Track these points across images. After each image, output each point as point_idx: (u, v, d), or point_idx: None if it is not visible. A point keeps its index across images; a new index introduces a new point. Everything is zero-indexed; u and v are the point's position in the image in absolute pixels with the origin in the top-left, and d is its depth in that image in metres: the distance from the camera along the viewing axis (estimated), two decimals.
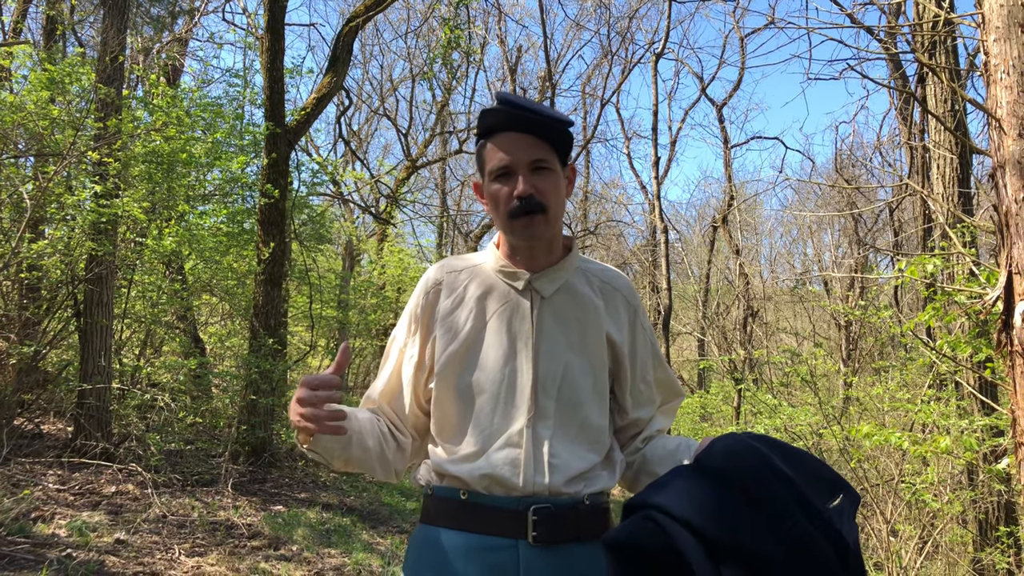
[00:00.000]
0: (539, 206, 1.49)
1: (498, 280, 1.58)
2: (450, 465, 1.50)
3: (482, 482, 1.46)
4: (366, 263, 16.75)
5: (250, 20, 12.81)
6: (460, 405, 1.52)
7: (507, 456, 1.46)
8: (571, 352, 1.53)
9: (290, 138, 8.54)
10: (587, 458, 1.51)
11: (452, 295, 1.58)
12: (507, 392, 1.50)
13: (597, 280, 1.62)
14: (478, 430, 1.49)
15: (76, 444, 6.34)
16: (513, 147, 1.49)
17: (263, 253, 7.98)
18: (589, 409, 1.53)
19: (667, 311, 14.38)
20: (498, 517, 1.44)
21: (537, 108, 1.50)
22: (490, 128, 1.53)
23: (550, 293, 1.56)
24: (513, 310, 1.55)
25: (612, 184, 25.51)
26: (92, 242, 6.39)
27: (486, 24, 17.87)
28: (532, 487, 1.44)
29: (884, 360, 10.58)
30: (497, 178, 1.51)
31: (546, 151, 1.51)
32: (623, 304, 1.62)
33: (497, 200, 1.52)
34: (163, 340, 9.05)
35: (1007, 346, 2.68)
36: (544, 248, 1.56)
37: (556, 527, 1.44)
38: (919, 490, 4.65)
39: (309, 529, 5.80)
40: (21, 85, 7.73)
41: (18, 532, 4.52)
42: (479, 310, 1.56)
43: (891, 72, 9.37)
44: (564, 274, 1.58)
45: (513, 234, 1.53)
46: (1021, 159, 2.64)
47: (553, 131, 1.51)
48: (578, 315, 1.56)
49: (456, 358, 1.53)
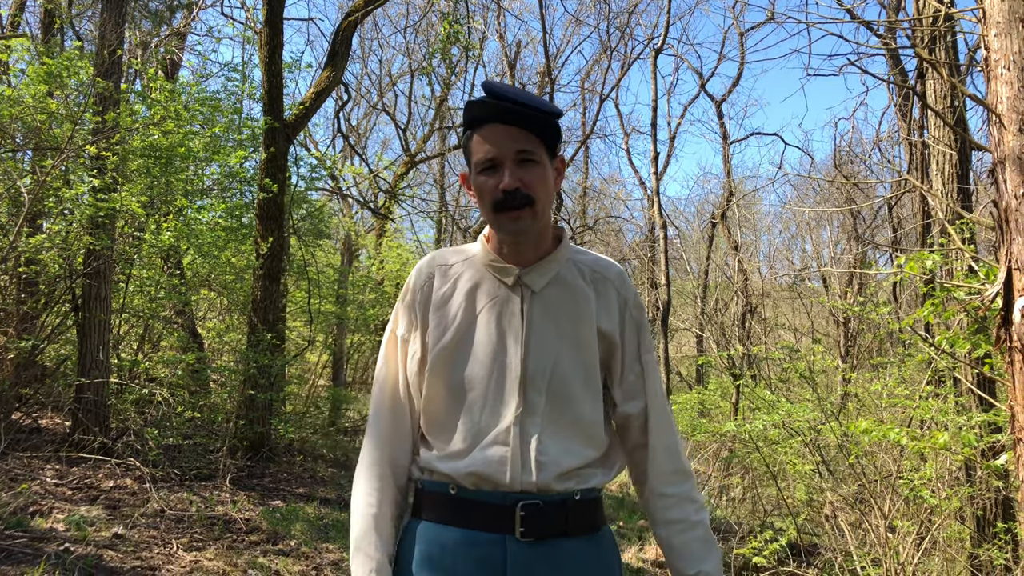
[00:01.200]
0: (526, 199, 1.46)
1: (488, 274, 1.55)
2: (438, 462, 1.49)
3: (470, 479, 1.45)
4: (365, 258, 16.74)
5: (248, 14, 12.77)
6: (449, 401, 1.51)
7: (495, 454, 1.45)
8: (562, 346, 1.51)
9: (288, 133, 8.52)
10: (581, 454, 1.49)
11: (443, 288, 1.56)
12: (496, 388, 1.48)
13: (589, 271, 1.59)
14: (466, 427, 1.48)
15: (74, 438, 6.34)
16: (499, 139, 1.47)
17: (261, 248, 7.97)
18: (581, 404, 1.51)
19: (666, 307, 14.39)
20: (486, 512, 1.44)
21: (524, 98, 1.47)
22: (476, 119, 1.50)
23: (540, 287, 1.53)
24: (503, 305, 1.52)
25: (611, 180, 25.57)
26: (90, 236, 6.38)
27: (485, 19, 17.84)
28: (520, 484, 1.44)
29: (883, 356, 10.59)
30: (483, 170, 1.49)
31: (533, 142, 1.48)
32: (614, 294, 1.58)
33: (483, 193, 1.49)
34: (161, 335, 9.04)
35: (1006, 342, 2.68)
36: (532, 241, 1.53)
37: (544, 522, 1.44)
38: (917, 486, 4.65)
39: (307, 524, 5.80)
40: (19, 79, 7.70)
41: (16, 526, 4.52)
42: (469, 304, 1.53)
43: (891, 68, 9.37)
44: (555, 266, 1.55)
45: (499, 227, 1.51)
46: (1021, 155, 2.64)
47: (540, 122, 1.48)
48: (569, 308, 1.53)
49: (445, 353, 1.51)
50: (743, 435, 6.90)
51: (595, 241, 21.75)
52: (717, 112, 18.52)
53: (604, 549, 1.52)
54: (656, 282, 18.16)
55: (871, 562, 4.73)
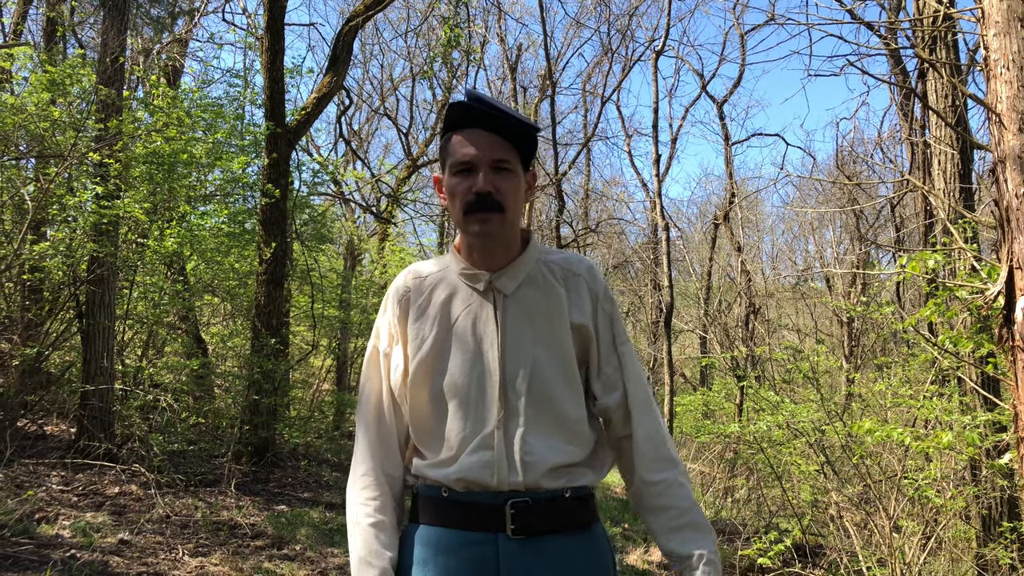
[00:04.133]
0: (496, 205, 1.49)
1: (460, 283, 1.58)
2: (428, 470, 1.52)
3: (459, 484, 1.49)
4: (367, 262, 16.74)
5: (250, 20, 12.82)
6: (433, 411, 1.54)
7: (480, 459, 1.47)
8: (539, 347, 1.53)
9: (290, 138, 8.54)
10: (566, 450, 1.51)
11: (419, 300, 1.58)
12: (477, 395, 1.51)
13: (559, 268, 1.61)
14: (452, 435, 1.51)
15: (79, 445, 6.36)
16: (478, 143, 1.50)
17: (264, 253, 7.98)
18: (563, 402, 1.53)
19: (669, 309, 14.36)
20: (478, 512, 1.47)
21: (505, 109, 1.51)
22: (457, 122, 1.53)
23: (512, 290, 1.55)
24: (476, 312, 1.55)
25: (613, 182, 25.51)
26: (94, 243, 6.40)
27: (486, 23, 17.87)
28: (508, 485, 1.46)
29: (886, 356, 10.58)
30: (458, 172, 1.51)
31: (510, 152, 1.51)
32: (585, 289, 1.60)
33: (455, 194, 1.52)
34: (165, 341, 9.06)
35: (1008, 341, 2.68)
36: (502, 246, 1.56)
37: (534, 519, 1.46)
38: (922, 486, 4.64)
39: (312, 528, 5.81)
40: (22, 87, 7.74)
41: (22, 533, 4.53)
42: (444, 315, 1.56)
43: (892, 68, 9.37)
44: (524, 268, 1.57)
45: (467, 230, 1.53)
46: (1021, 154, 2.64)
47: (519, 134, 1.51)
48: (543, 308, 1.55)
49: (426, 364, 1.53)
50: (747, 436, 6.89)
51: (597, 243, 21.71)
52: (718, 113, 18.49)
53: (597, 546, 1.54)
54: (659, 284, 18.14)
55: (877, 562, 4.72)
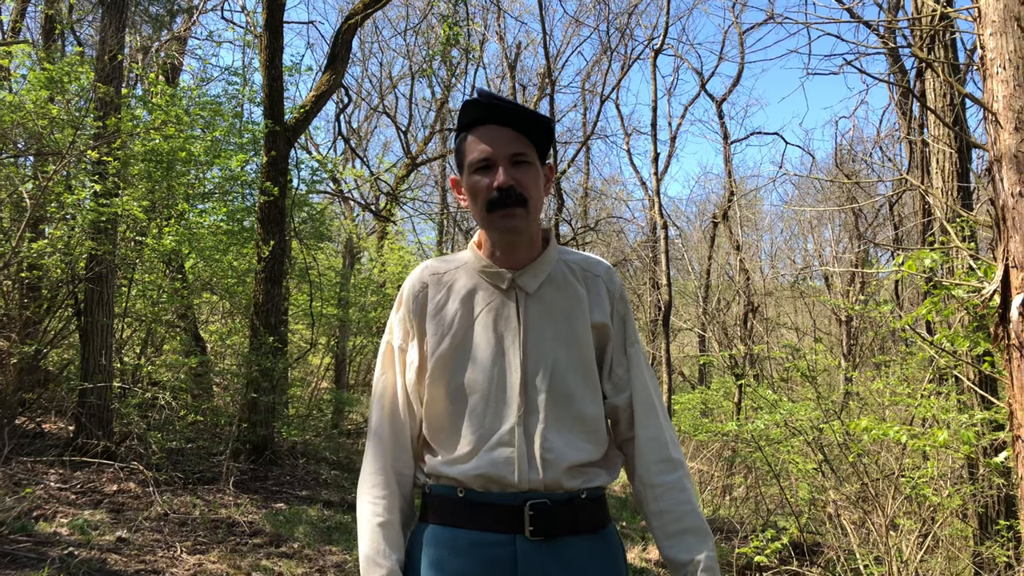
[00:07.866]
0: (520, 198, 1.49)
1: (482, 280, 1.58)
2: (444, 467, 1.51)
3: (478, 481, 1.47)
4: (366, 261, 16.74)
5: (249, 18, 12.81)
6: (452, 406, 1.53)
7: (500, 455, 1.47)
8: (559, 346, 1.54)
9: (289, 136, 8.54)
10: (584, 449, 1.51)
11: (438, 296, 1.58)
12: (497, 391, 1.50)
13: (579, 269, 1.62)
14: (471, 431, 1.50)
15: (77, 443, 6.36)
16: (494, 140, 1.50)
17: (263, 251, 7.98)
18: (582, 401, 1.53)
19: (667, 307, 14.37)
20: (495, 513, 1.46)
21: (518, 104, 1.52)
22: (471, 121, 1.53)
23: (534, 288, 1.56)
24: (499, 309, 1.55)
25: (612, 180, 25.51)
26: (92, 241, 6.40)
27: (485, 21, 17.86)
28: (528, 483, 1.45)
29: (884, 355, 10.59)
30: (477, 170, 1.51)
31: (527, 146, 1.52)
32: (604, 289, 1.62)
33: (476, 192, 1.52)
34: (164, 339, 9.06)
35: (1004, 340, 2.68)
36: (525, 243, 1.56)
37: (553, 521, 1.45)
38: (919, 484, 4.65)
39: (310, 526, 5.81)
40: (20, 84, 7.74)
41: (20, 531, 4.54)
42: (465, 310, 1.56)
43: (890, 67, 9.37)
44: (546, 267, 1.58)
45: (491, 227, 1.53)
46: (1017, 153, 2.64)
47: (534, 127, 1.52)
48: (564, 307, 1.56)
49: (444, 360, 1.53)
50: (745, 435, 6.89)
51: (596, 242, 21.71)
52: (717, 112, 18.50)
53: (611, 546, 1.55)
54: (657, 282, 18.14)
55: (874, 560, 4.73)
